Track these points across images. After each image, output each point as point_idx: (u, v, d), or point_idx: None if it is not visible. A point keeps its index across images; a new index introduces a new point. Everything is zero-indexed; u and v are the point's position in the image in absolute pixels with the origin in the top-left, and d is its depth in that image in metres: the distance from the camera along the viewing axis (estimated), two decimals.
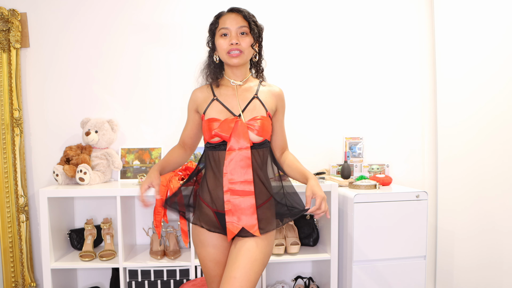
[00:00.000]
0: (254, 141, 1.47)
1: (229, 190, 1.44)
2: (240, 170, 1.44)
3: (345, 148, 2.58)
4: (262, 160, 1.51)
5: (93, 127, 2.33)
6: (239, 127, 1.44)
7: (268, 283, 2.52)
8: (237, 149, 1.44)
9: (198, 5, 2.47)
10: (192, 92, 1.61)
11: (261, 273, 1.46)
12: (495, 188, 2.20)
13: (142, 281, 2.19)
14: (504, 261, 2.16)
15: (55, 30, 2.41)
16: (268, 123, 1.50)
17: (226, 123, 1.45)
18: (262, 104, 1.51)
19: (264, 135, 1.48)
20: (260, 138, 1.47)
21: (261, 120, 1.47)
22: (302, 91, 2.54)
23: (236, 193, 1.44)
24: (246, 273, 1.39)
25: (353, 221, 2.12)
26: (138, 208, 2.46)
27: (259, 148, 1.49)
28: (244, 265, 1.40)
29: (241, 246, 1.44)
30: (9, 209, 2.32)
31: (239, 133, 1.43)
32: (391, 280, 2.17)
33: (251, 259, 1.41)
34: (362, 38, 2.58)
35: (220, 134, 1.45)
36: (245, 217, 1.44)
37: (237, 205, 1.44)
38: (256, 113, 1.49)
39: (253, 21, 1.51)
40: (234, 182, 1.44)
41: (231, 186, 1.44)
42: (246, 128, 1.45)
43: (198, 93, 1.59)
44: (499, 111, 2.17)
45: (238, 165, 1.44)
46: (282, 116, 1.61)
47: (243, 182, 1.44)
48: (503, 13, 2.14)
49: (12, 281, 2.35)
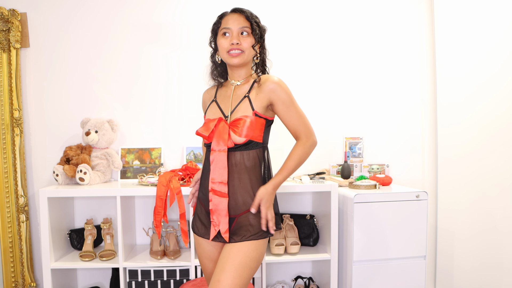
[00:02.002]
0: (236, 142, 1.44)
1: (212, 190, 1.47)
2: (219, 170, 1.44)
3: (345, 148, 2.58)
4: (252, 163, 1.47)
5: (93, 127, 2.33)
6: (220, 128, 1.44)
7: (268, 283, 2.52)
8: (217, 150, 1.44)
9: (198, 5, 2.47)
10: (203, 93, 1.67)
11: (249, 277, 1.44)
12: (495, 188, 2.20)
13: (142, 281, 2.19)
14: (504, 261, 2.16)
15: (55, 30, 2.41)
16: (257, 123, 1.44)
17: (207, 123, 1.49)
18: (250, 103, 1.47)
19: (248, 135, 1.43)
20: (243, 139, 1.43)
21: (243, 120, 1.43)
22: (302, 91, 2.54)
23: (215, 193, 1.46)
24: (231, 276, 1.38)
25: (353, 221, 2.12)
26: (138, 208, 2.46)
27: (246, 150, 1.46)
28: (228, 269, 1.40)
29: (228, 250, 1.45)
30: (9, 209, 2.32)
31: (219, 133, 1.44)
32: (391, 280, 2.17)
33: (235, 262, 1.41)
34: (362, 38, 2.58)
35: (201, 133, 1.48)
36: (221, 219, 1.45)
37: (216, 204, 1.46)
38: (241, 113, 1.46)
39: (255, 21, 1.50)
40: (214, 182, 1.46)
41: (212, 186, 1.46)
42: (227, 129, 1.44)
43: (206, 94, 1.65)
44: (499, 111, 2.17)
45: (218, 165, 1.45)
46: (282, 105, 1.48)
47: (220, 183, 1.45)
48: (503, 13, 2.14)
49: (12, 281, 2.35)
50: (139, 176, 2.32)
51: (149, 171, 2.44)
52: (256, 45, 1.51)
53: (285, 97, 1.48)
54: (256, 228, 1.46)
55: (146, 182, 2.22)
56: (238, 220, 1.46)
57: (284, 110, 1.49)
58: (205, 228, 1.54)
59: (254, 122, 1.44)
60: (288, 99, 1.48)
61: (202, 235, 1.54)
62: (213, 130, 1.46)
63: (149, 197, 2.41)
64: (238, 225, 1.46)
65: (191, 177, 2.24)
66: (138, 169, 2.45)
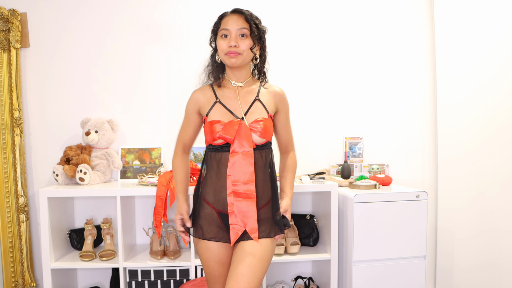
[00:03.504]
0: (257, 143, 1.48)
1: (233, 192, 1.46)
2: (243, 172, 1.45)
3: (345, 148, 2.58)
4: (264, 162, 1.51)
5: (93, 127, 2.33)
6: (243, 130, 1.45)
7: (268, 283, 2.52)
8: (241, 152, 1.45)
9: (198, 5, 2.47)
10: (192, 94, 1.59)
11: (266, 271, 1.48)
12: (495, 188, 2.20)
13: (142, 281, 2.19)
14: (504, 261, 2.16)
15: (55, 30, 2.41)
16: (270, 125, 1.51)
17: (230, 125, 1.46)
18: (263, 106, 1.52)
19: (266, 136, 1.49)
20: (263, 140, 1.49)
21: (264, 122, 1.48)
22: (302, 91, 2.54)
23: (239, 195, 1.45)
24: (253, 269, 1.40)
25: (353, 221, 2.12)
26: (138, 208, 2.46)
27: (261, 150, 1.51)
28: (250, 262, 1.41)
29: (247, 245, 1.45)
30: (9, 209, 2.32)
31: (243, 135, 1.45)
32: (391, 280, 2.17)
33: (256, 256, 1.43)
34: (362, 38, 2.58)
35: (225, 136, 1.46)
36: (247, 220, 1.46)
37: (239, 207, 1.45)
38: (258, 115, 1.50)
39: (255, 23, 1.50)
40: (237, 184, 1.45)
41: (234, 188, 1.45)
42: (249, 130, 1.46)
43: (199, 94, 1.57)
44: (499, 111, 2.17)
45: (241, 167, 1.45)
46: (284, 116, 1.60)
47: (246, 182, 1.45)
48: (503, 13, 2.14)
49: (12, 281, 2.35)
50: (139, 176, 2.32)
51: (149, 171, 2.44)
52: (255, 47, 1.51)
53: (287, 109, 1.62)
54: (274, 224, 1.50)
55: (146, 182, 2.22)
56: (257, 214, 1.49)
57: (284, 120, 1.61)
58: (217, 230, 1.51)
59: (269, 124, 1.51)
60: (288, 111, 1.62)
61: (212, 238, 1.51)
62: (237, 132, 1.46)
63: (149, 197, 2.41)
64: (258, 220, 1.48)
65: (191, 177, 2.23)
66: (138, 169, 2.45)
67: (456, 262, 2.46)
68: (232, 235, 1.46)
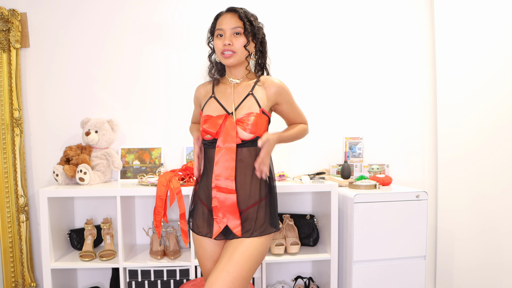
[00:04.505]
0: (244, 138, 1.47)
1: (216, 187, 1.46)
2: (225, 167, 1.45)
3: (345, 148, 2.58)
4: (253, 159, 1.49)
5: (93, 127, 2.33)
6: (228, 124, 1.45)
7: (268, 283, 2.52)
8: (224, 147, 1.44)
9: (198, 5, 2.48)
10: (197, 88, 1.67)
11: (254, 271, 1.45)
12: (495, 188, 2.20)
13: (142, 281, 2.19)
14: (504, 261, 2.16)
15: (55, 30, 2.41)
16: (262, 120, 1.49)
17: (214, 119, 1.48)
18: (256, 100, 1.51)
19: (255, 132, 1.47)
20: (251, 135, 1.47)
21: (251, 117, 1.47)
22: (302, 91, 2.54)
23: (220, 190, 1.45)
24: (240, 268, 1.39)
25: (353, 221, 2.12)
26: (138, 208, 2.46)
27: (252, 146, 1.48)
28: (238, 260, 1.40)
29: (237, 243, 1.45)
30: (9, 209, 2.32)
31: (227, 130, 1.45)
32: (391, 280, 2.17)
33: (245, 254, 1.42)
34: (362, 38, 2.58)
35: (208, 130, 1.48)
36: (229, 215, 1.45)
37: (222, 201, 1.45)
38: (248, 110, 1.49)
39: (249, 21, 1.50)
40: (219, 179, 1.45)
41: (217, 182, 1.46)
42: (235, 125, 1.45)
43: (201, 89, 1.65)
44: (499, 111, 2.17)
45: (224, 162, 1.45)
46: (286, 105, 1.60)
47: (227, 178, 1.45)
48: (503, 13, 2.14)
49: (12, 281, 2.35)
50: (139, 176, 2.32)
51: (149, 171, 2.44)
52: (249, 44, 1.51)
53: (289, 97, 1.61)
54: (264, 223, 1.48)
55: (146, 182, 2.22)
56: (245, 214, 1.48)
57: (289, 108, 1.62)
58: (207, 227, 1.53)
59: (260, 119, 1.48)
60: (291, 99, 1.62)
61: (205, 234, 1.53)
62: (220, 127, 1.46)
63: (149, 197, 2.41)
64: (245, 219, 1.47)
65: (191, 177, 2.24)
66: (138, 169, 2.45)
67: (456, 262, 2.46)
68: (215, 228, 1.47)
